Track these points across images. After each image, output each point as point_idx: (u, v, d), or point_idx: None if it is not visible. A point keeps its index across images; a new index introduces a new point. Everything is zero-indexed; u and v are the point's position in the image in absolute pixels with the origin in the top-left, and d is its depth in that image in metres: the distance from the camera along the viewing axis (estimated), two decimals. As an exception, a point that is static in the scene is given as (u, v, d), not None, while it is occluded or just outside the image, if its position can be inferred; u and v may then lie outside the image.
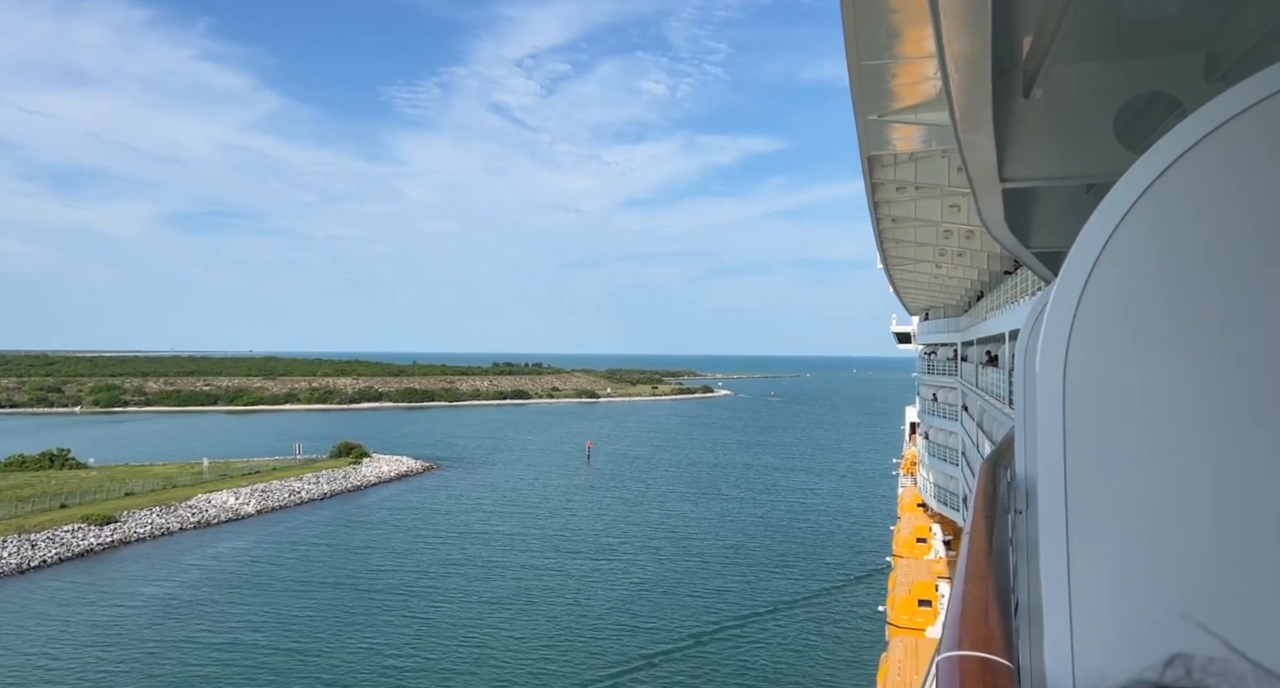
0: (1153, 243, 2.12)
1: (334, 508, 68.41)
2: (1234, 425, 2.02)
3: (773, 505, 67.88)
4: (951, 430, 36.15)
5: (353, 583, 44.85)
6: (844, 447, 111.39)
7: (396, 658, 33.98)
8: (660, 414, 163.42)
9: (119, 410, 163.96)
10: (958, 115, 6.56)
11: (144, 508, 60.31)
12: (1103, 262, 2.14)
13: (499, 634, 36.94)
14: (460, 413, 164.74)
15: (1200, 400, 2.04)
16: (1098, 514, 2.12)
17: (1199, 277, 2.08)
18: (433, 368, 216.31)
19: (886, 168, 18.48)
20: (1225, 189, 2.10)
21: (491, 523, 60.58)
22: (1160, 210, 2.14)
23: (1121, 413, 2.12)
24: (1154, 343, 2.10)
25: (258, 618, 38.77)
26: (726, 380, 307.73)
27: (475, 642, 36.06)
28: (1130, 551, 2.10)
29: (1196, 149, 2.13)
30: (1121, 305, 2.13)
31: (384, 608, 40.43)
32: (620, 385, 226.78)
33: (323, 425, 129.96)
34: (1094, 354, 2.14)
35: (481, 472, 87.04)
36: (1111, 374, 2.13)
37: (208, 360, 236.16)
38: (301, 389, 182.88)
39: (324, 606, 40.78)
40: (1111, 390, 2.13)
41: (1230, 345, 2.03)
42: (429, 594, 42.77)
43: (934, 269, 35.75)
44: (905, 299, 49.14)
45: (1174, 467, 2.06)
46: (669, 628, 37.51)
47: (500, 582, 45.10)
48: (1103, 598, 2.17)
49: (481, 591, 43.44)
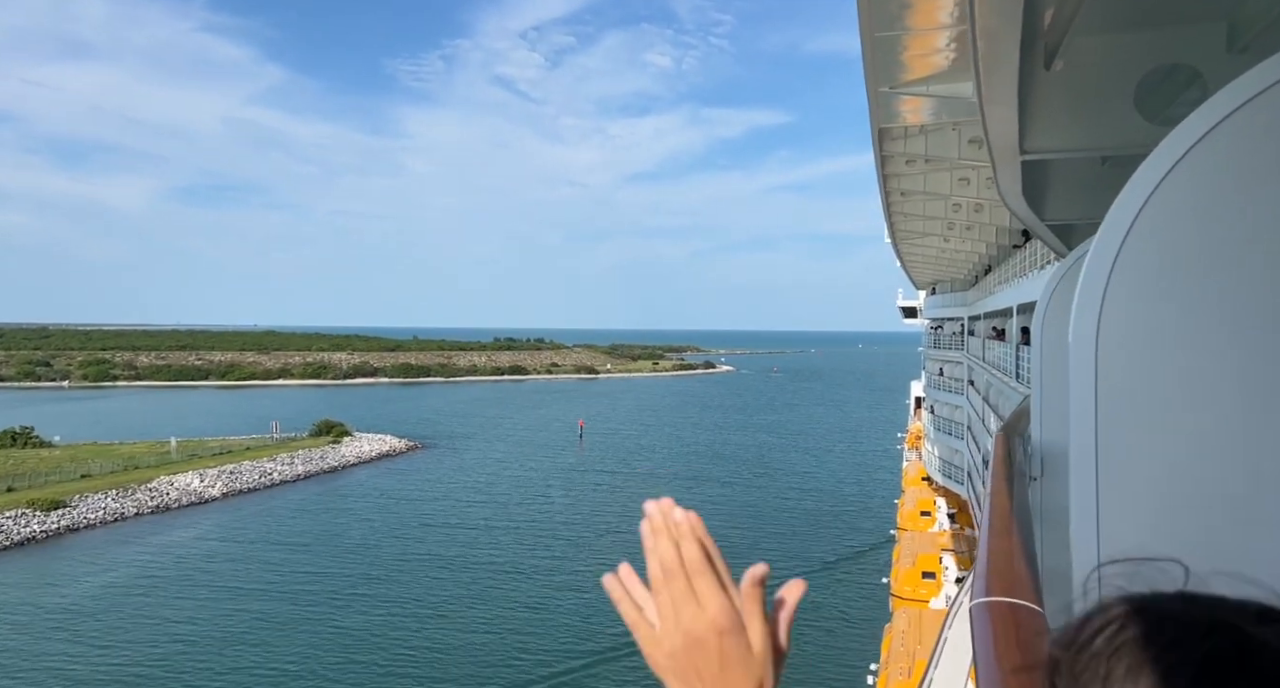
0: (1185, 213, 2.16)
1: (306, 491, 64.95)
2: (1266, 392, 2.04)
3: (770, 487, 64.03)
4: (957, 405, 36.48)
5: (311, 573, 41.38)
6: (846, 426, 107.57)
7: (354, 652, 30.80)
8: (658, 392, 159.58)
9: (108, 385, 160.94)
10: (983, 88, 6.68)
11: (99, 492, 56.86)
12: (1135, 231, 2.17)
13: (474, 622, 34.19)
14: (455, 389, 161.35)
15: (1232, 367, 2.07)
16: (1129, 478, 2.15)
17: (1230, 246, 2.11)
18: (430, 343, 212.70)
19: (896, 141, 18.40)
20: (1256, 161, 2.15)
21: (470, 507, 57.03)
22: (1192, 181, 2.18)
23: (1154, 378, 2.15)
24: (1186, 310, 2.13)
25: (199, 612, 35.35)
26: (730, 356, 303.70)
27: (447, 631, 33.23)
28: (1161, 513, 2.13)
29: (1229, 121, 2.18)
30: (1154, 274, 2.16)
31: (343, 600, 37.05)
32: (621, 361, 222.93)
33: (313, 402, 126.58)
34: (1127, 321, 2.17)
35: (467, 452, 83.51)
36: (1144, 341, 2.16)
37: (203, 334, 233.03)
38: (295, 364, 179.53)
39: (276, 600, 37.30)
40: (1144, 356, 2.16)
41: (1261, 313, 2.07)
42: (393, 584, 39.28)
43: (942, 243, 36.54)
44: (912, 273, 49.10)
45: (1206, 431, 2.09)
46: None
47: (477, 569, 41.63)
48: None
49: (454, 580, 40.04)
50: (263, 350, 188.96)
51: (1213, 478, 2.05)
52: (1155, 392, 2.15)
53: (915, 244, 39.74)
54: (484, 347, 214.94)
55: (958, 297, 42.16)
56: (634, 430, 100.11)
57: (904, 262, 40.34)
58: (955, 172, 21.67)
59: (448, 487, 64.85)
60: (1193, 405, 2.10)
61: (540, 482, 66.95)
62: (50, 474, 60.39)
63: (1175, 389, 2.13)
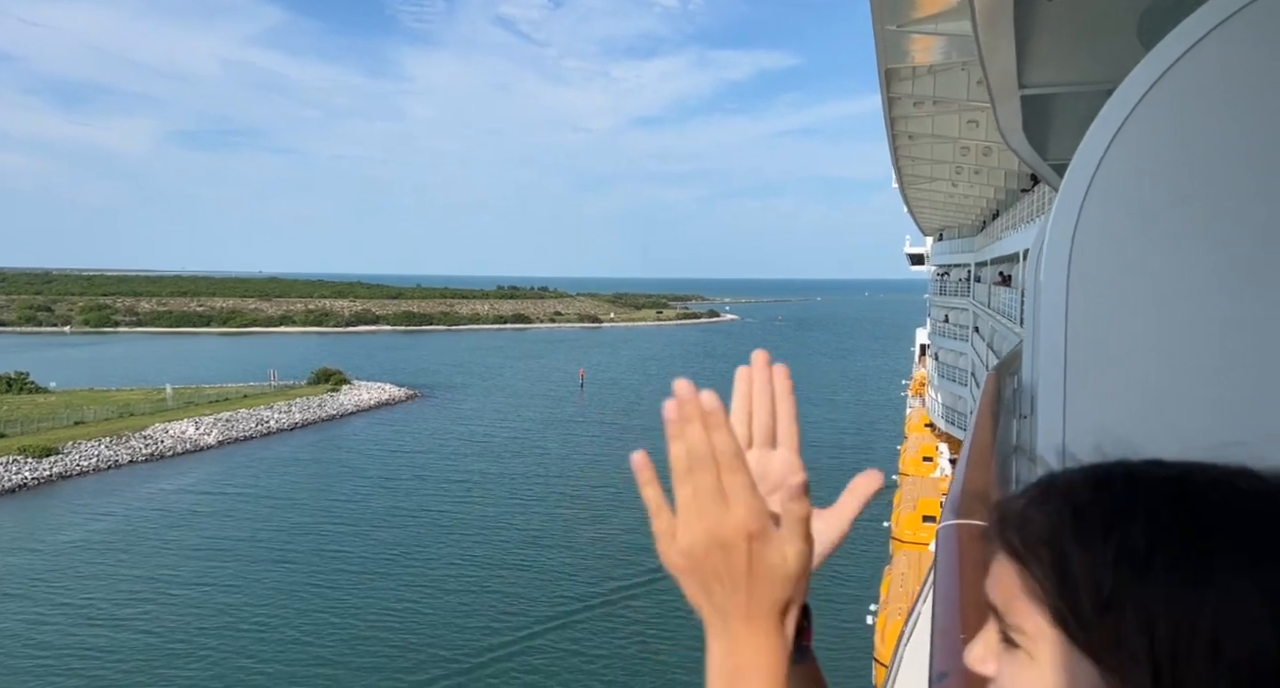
0: (1158, 141, 2.16)
1: (303, 440, 64.52)
2: (1235, 320, 2.07)
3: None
4: (961, 352, 36.41)
5: (302, 525, 40.92)
6: (850, 375, 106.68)
7: (343, 604, 30.35)
8: (660, 342, 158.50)
9: (109, 331, 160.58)
10: (979, 18, 6.59)
11: (93, 439, 56.41)
12: (1107, 161, 2.17)
13: (464, 576, 33.71)
14: (457, 337, 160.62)
15: (1202, 295, 2.09)
16: (1097, 401, 2.16)
17: (1204, 175, 2.12)
18: (432, 291, 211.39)
19: (904, 82, 18.00)
20: (1228, 86, 2.15)
21: (466, 459, 56.49)
22: (1166, 108, 2.17)
23: (1124, 302, 2.18)
24: (1157, 238, 2.14)
25: (182, 565, 34.89)
26: (734, 304, 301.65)
27: (437, 584, 32.83)
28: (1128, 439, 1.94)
29: (1200, 47, 2.17)
30: (1126, 201, 2.17)
31: (332, 552, 36.61)
32: (624, 310, 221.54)
33: (314, 349, 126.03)
34: (1098, 249, 2.17)
35: (466, 401, 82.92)
36: (1115, 266, 2.17)
37: (205, 281, 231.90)
38: (297, 311, 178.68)
39: (264, 551, 36.85)
40: (1114, 281, 2.17)
41: (1234, 242, 2.08)
42: (384, 537, 38.79)
43: (950, 188, 36.90)
44: (920, 219, 48.38)
45: (1174, 352, 2.11)
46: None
47: (470, 522, 41.12)
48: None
49: (446, 533, 39.54)
50: (264, 297, 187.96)
51: (1182, 409, 2.02)
52: (1126, 313, 2.13)
53: (923, 189, 39.17)
54: (487, 295, 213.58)
55: (965, 243, 41.77)
56: (635, 381, 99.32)
57: (911, 207, 40.03)
58: (964, 114, 21.03)
59: (445, 437, 64.29)
60: (1162, 335, 2.09)
61: (539, 433, 66.34)
62: (44, 421, 59.93)
63: (1148, 310, 2.12)
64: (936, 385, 40.53)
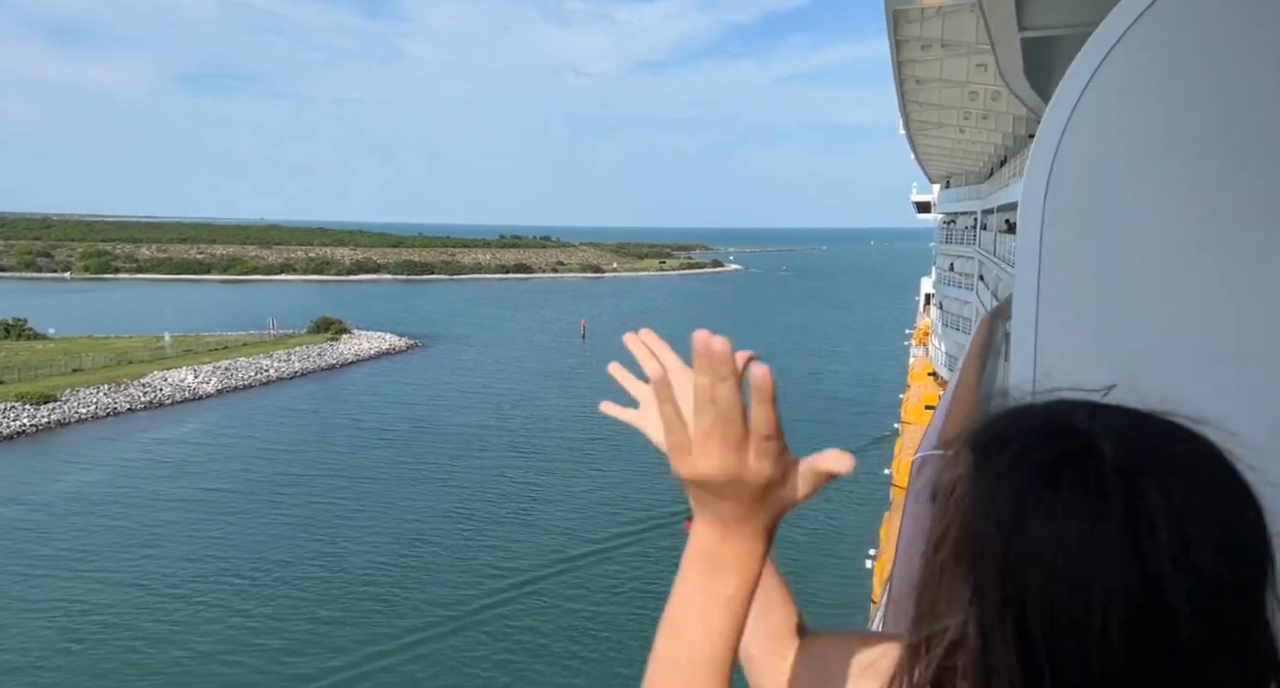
0: (1135, 81, 2.14)
1: (303, 388, 64.37)
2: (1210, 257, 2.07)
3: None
4: (966, 300, 36.21)
5: (298, 475, 40.86)
6: (853, 326, 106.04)
7: (337, 556, 30.38)
8: (663, 292, 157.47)
9: (110, 277, 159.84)
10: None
11: (91, 386, 56.20)
12: (1085, 100, 2.15)
13: (460, 528, 33.65)
14: (458, 287, 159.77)
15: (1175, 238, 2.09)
16: (1069, 344, 2.17)
17: (1182, 115, 2.10)
18: (434, 240, 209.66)
19: (913, 24, 17.80)
20: (1209, 24, 2.13)
21: (466, 411, 56.31)
22: (1143, 48, 2.14)
23: (1099, 244, 2.18)
24: (1136, 182, 2.13)
25: (176, 515, 34.88)
26: (739, 254, 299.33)
27: (432, 537, 32.75)
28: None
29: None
30: (1103, 142, 2.16)
31: (327, 503, 36.52)
32: (627, 260, 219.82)
33: (314, 298, 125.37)
34: (1074, 190, 2.15)
35: (467, 352, 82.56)
36: (1091, 209, 2.16)
37: (206, 227, 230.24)
38: (298, 259, 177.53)
39: (259, 502, 36.83)
40: (1090, 223, 2.16)
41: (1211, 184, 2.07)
42: (379, 489, 38.75)
43: (957, 134, 36.37)
44: (927, 167, 47.70)
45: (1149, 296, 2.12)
46: (661, 503, 34.75)
47: (467, 473, 41.04)
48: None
49: (443, 484, 39.43)
50: (265, 245, 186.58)
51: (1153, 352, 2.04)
52: (1099, 270, 2.12)
53: (930, 136, 38.79)
54: (488, 244, 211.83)
55: (972, 190, 41.52)
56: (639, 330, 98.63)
57: (919, 154, 40.85)
58: (972, 57, 21.00)
59: (444, 388, 64.04)
60: (1137, 279, 2.09)
61: (539, 384, 66.03)
62: (41, 367, 59.68)
63: (1120, 266, 2.10)
64: (940, 334, 40.53)
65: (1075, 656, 0.68)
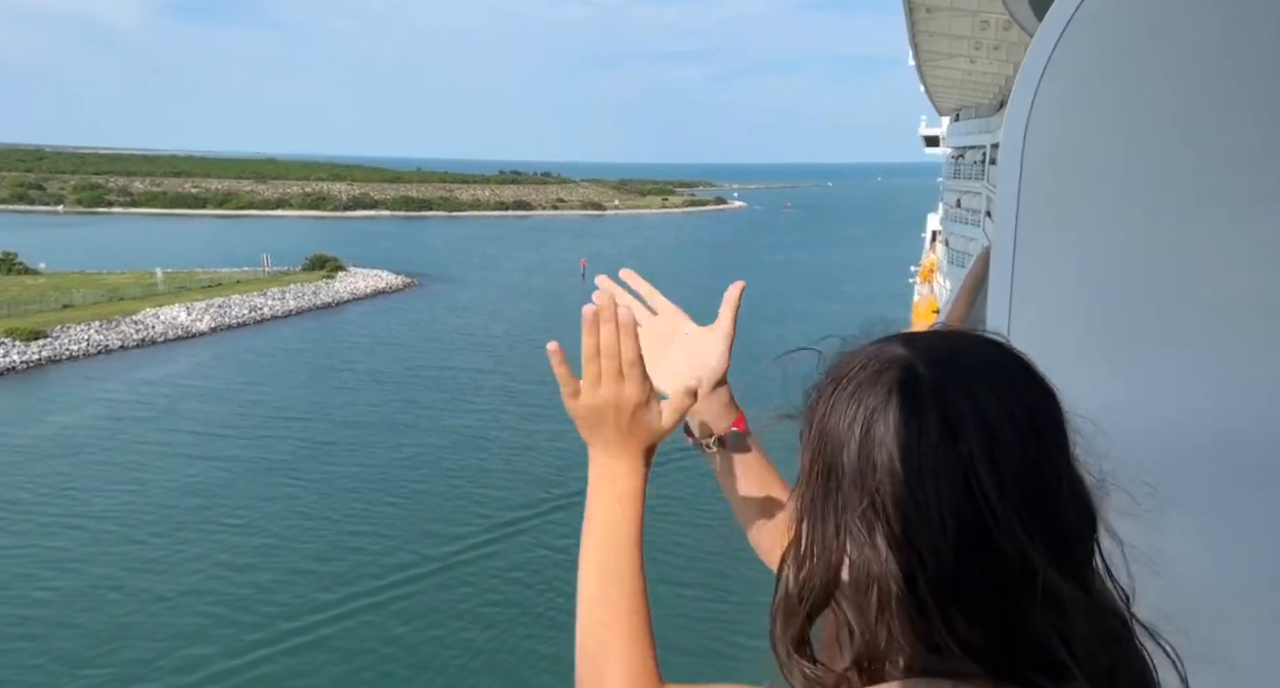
0: (1120, 16, 2.07)
1: (297, 327, 63.68)
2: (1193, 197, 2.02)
3: (769, 329, 62.10)
4: (972, 237, 35.71)
5: (288, 417, 40.41)
6: (857, 265, 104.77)
7: (325, 498, 30.01)
8: (664, 231, 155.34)
9: (103, 211, 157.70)
10: None
11: (82, 323, 55.50)
12: (1073, 28, 2.06)
13: (449, 469, 33.33)
14: (457, 224, 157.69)
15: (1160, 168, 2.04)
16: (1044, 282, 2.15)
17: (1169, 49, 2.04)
18: (432, 175, 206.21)
19: None
20: None
21: (461, 352, 55.79)
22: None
23: (1078, 178, 2.13)
24: (1121, 116, 2.06)
25: (172, 456, 34.56)
26: (743, 191, 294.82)
27: (420, 478, 32.44)
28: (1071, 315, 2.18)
29: None
30: (1088, 73, 2.09)
31: (316, 445, 36.19)
32: (629, 197, 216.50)
33: (310, 234, 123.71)
34: (1057, 122, 2.09)
35: (463, 291, 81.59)
36: (1072, 140, 2.11)
37: (201, 161, 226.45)
38: (294, 194, 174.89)
39: (248, 443, 36.47)
40: (1070, 154, 2.12)
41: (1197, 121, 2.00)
42: (370, 431, 38.32)
43: (968, 65, 36.01)
44: (936, 99, 46.66)
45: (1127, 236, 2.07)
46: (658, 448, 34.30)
47: (459, 416, 40.64)
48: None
49: (434, 427, 39.03)
50: (260, 179, 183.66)
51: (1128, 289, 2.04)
52: (1078, 205, 2.10)
53: (940, 67, 37.82)
54: (488, 180, 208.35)
55: (982, 123, 41.07)
56: (639, 270, 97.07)
57: (927, 86, 40.62)
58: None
59: (439, 329, 63.27)
60: (1117, 215, 2.06)
61: (537, 324, 65.20)
62: (31, 303, 58.91)
63: (1099, 201, 2.08)
64: (945, 272, 40.47)
65: (930, 550, 0.81)
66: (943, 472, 0.80)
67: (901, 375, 0.86)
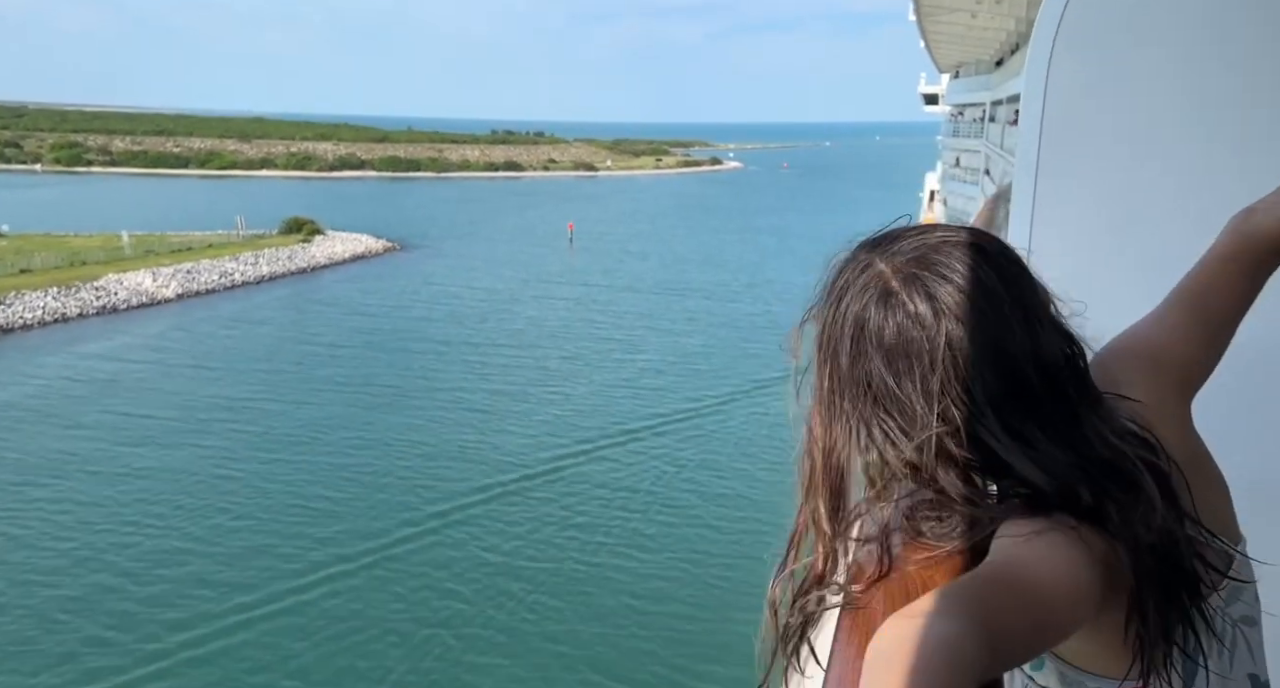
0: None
1: (269, 294, 61.26)
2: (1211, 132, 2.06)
3: (760, 297, 59.92)
4: (971, 196, 35.63)
5: (256, 389, 38.29)
6: (854, 229, 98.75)
7: (291, 477, 28.02)
8: (656, 193, 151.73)
9: (81, 170, 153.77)
10: None
11: (39, 289, 53.09)
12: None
13: (420, 443, 31.65)
14: (445, 185, 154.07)
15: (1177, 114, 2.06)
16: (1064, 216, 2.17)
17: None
18: (421, 135, 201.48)
19: None
20: None
21: (437, 323, 53.41)
22: None
23: (1100, 115, 2.16)
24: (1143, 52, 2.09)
25: (123, 433, 32.56)
26: (739, 151, 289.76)
27: (391, 453, 30.97)
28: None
29: None
30: (1110, 13, 2.12)
31: (282, 420, 34.15)
32: (622, 157, 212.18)
33: (295, 195, 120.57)
34: (1079, 58, 2.12)
35: (447, 256, 78.94)
36: (1095, 77, 2.14)
37: (184, 119, 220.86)
38: (279, 154, 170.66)
39: (211, 418, 34.40)
40: (1092, 92, 2.15)
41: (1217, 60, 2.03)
42: (337, 406, 36.24)
43: (969, 20, 34.93)
44: (936, 55, 45.11)
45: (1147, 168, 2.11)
46: (618, 422, 33.54)
47: (430, 392, 38.49)
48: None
49: (405, 399, 36.96)
50: (244, 139, 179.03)
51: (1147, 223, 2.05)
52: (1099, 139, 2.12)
53: (941, 21, 36.13)
54: (478, 139, 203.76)
55: (982, 80, 40.57)
56: (625, 235, 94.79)
57: (928, 41, 40.04)
58: None
59: (414, 297, 60.81)
60: (1136, 148, 2.08)
61: (520, 292, 62.84)
62: (-13, 269, 56.41)
63: (1119, 135, 2.10)
64: None
65: (938, 389, 0.99)
66: (929, 328, 0.99)
67: (889, 287, 1.07)
